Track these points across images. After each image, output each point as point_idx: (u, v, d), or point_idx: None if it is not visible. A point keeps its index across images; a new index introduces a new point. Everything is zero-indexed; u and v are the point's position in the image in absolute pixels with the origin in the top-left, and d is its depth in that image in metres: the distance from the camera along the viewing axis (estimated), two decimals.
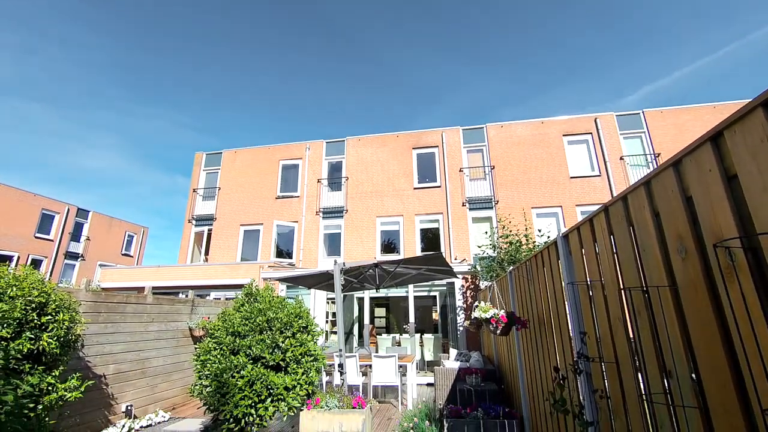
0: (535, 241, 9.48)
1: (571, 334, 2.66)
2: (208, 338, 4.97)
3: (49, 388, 3.93)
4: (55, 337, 4.06)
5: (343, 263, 5.87)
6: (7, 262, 4.40)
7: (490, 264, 9.21)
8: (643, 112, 14.24)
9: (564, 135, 14.37)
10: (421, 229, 14.38)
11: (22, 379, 3.63)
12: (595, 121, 14.22)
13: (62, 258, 24.51)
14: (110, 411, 5.60)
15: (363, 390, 7.14)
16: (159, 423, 6.03)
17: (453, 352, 7.98)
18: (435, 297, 12.97)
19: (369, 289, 8.45)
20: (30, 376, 3.52)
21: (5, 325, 3.48)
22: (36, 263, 22.63)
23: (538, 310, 3.58)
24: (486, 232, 11.98)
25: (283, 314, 4.97)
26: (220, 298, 9.96)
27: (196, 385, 4.75)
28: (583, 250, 2.44)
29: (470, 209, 14.03)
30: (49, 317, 4.06)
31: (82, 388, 4.26)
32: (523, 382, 4.39)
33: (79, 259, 25.58)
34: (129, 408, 5.87)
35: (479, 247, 10.16)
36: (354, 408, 4.96)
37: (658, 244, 1.60)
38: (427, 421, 4.84)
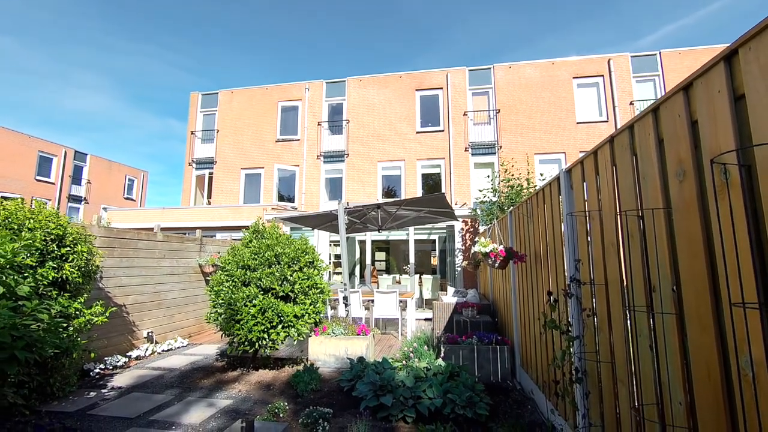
0: (536, 186, 9.54)
1: (565, 263, 2.83)
2: (220, 271, 5.24)
3: (77, 312, 4.24)
4: (76, 267, 4.30)
5: (347, 203, 5.99)
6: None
7: (490, 208, 9.37)
8: (659, 53, 13.51)
9: (574, 77, 13.78)
10: (423, 174, 14.37)
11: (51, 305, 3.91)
12: (608, 62, 13.55)
13: (66, 201, 24.72)
14: (133, 336, 6.07)
15: (366, 322, 7.66)
16: (179, 348, 6.57)
17: (451, 289, 8.42)
18: (434, 240, 13.34)
19: (371, 230, 8.68)
20: (57, 301, 3.79)
21: (29, 254, 3.66)
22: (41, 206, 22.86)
23: (535, 244, 3.75)
24: (488, 176, 12.01)
25: (290, 249, 5.19)
26: (226, 239, 10.26)
27: (212, 313, 5.10)
28: (584, 183, 2.52)
29: (473, 154, 13.90)
30: (68, 248, 4.26)
31: (107, 314, 4.60)
32: (516, 313, 4.72)
33: (82, 203, 25.82)
34: (150, 334, 6.36)
35: (480, 191, 10.25)
36: (358, 335, 5.38)
37: (658, 172, 1.67)
38: (425, 346, 5.28)
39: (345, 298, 5.93)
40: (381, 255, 18.48)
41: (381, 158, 14.58)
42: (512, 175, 9.95)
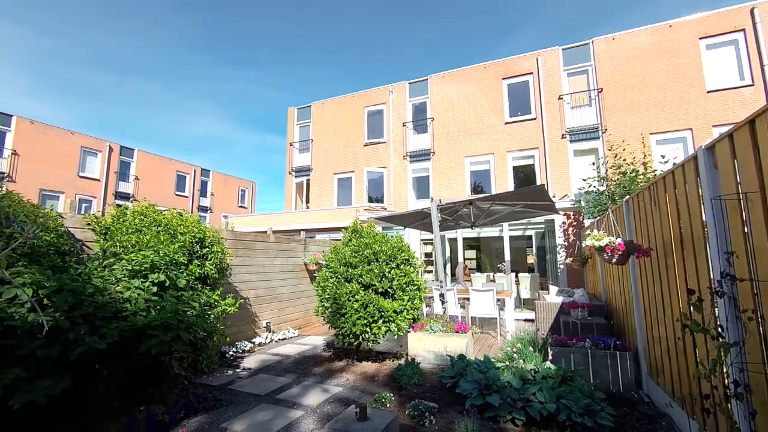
0: (654, 170, 8.25)
1: (709, 256, 2.40)
2: (325, 268, 5.70)
3: (215, 303, 5.03)
4: (214, 265, 5.10)
5: (440, 200, 5.98)
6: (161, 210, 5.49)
7: (598, 198, 8.40)
8: None
9: (701, 38, 11.55)
10: (514, 167, 13.57)
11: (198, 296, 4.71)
12: (752, 11, 11.03)
13: (197, 210, 29.54)
14: (255, 325, 6.97)
15: (462, 320, 7.54)
16: (291, 337, 7.33)
17: (553, 288, 7.79)
18: (531, 236, 12.50)
19: (463, 227, 8.52)
20: (203, 293, 4.55)
21: (183, 254, 4.48)
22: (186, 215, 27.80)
23: (663, 236, 3.26)
24: (592, 164, 10.80)
25: (387, 247, 5.40)
26: (325, 239, 11.10)
27: (319, 306, 5.58)
28: (735, 161, 2.11)
29: (571, 141, 12.64)
30: (207, 249, 5.08)
31: (237, 305, 5.35)
32: (639, 314, 4.16)
33: (208, 212, 30.54)
34: (268, 324, 7.22)
35: (584, 180, 9.25)
36: (457, 333, 5.33)
37: None
38: (530, 348, 4.98)
39: (441, 295, 5.92)
40: (471, 253, 17.98)
41: (468, 153, 14.20)
42: (623, 159, 8.76)
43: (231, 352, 5.98)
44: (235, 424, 3.51)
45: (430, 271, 13.63)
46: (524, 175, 13.63)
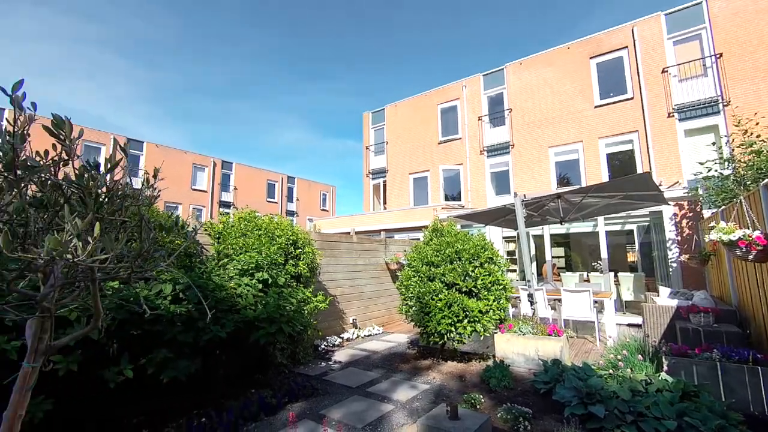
0: None
1: None
2: (407, 267, 5.80)
3: (308, 299, 5.46)
4: (306, 264, 5.54)
5: (524, 195, 5.67)
6: (268, 214, 6.10)
7: (722, 184, 7.10)
8: None
9: None
10: (608, 154, 12.19)
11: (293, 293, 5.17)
12: None
13: (285, 215, 32.31)
14: (343, 321, 7.38)
15: (554, 323, 7.03)
16: (376, 334, 7.59)
17: (664, 290, 6.82)
18: (632, 231, 11.10)
19: (551, 222, 7.93)
20: (299, 290, 4.97)
21: (280, 255, 4.96)
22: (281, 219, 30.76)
23: None
24: (712, 144, 9.20)
25: (469, 246, 5.29)
26: (405, 239, 11.27)
27: (403, 305, 5.69)
28: None
29: (681, 119, 10.91)
30: (300, 250, 5.53)
31: (327, 302, 5.73)
32: None
33: (294, 216, 33.17)
34: (354, 320, 7.59)
35: (701, 164, 7.89)
36: (549, 335, 4.99)
37: None
38: (639, 356, 4.44)
39: (530, 295, 5.60)
40: (560, 250, 16.61)
41: (552, 143, 13.16)
42: (757, 136, 7.26)
43: (323, 346, 6.42)
44: (332, 411, 3.77)
45: (513, 270, 12.92)
46: (620, 163, 12.16)
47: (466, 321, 4.95)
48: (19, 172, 1.01)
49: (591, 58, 12.73)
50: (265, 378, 4.62)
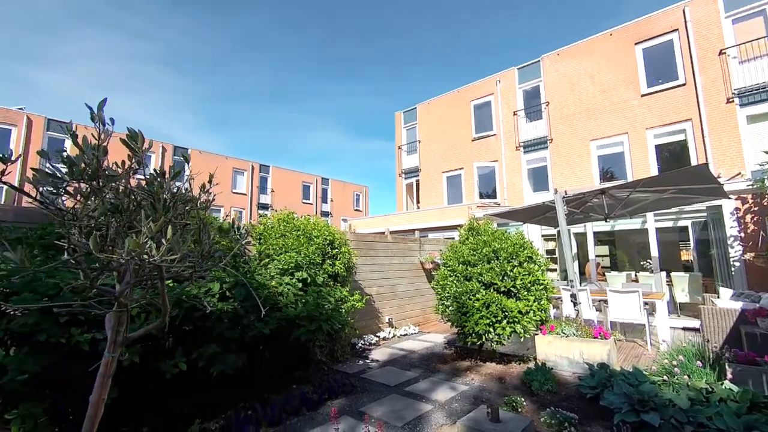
0: None
1: None
2: (443, 267, 5.75)
3: (345, 298, 5.55)
4: (342, 264, 5.64)
5: (565, 192, 5.43)
6: (305, 215, 6.26)
7: None
8: None
9: None
10: (657, 146, 11.40)
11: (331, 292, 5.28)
12: None
13: (320, 215, 33.05)
14: (378, 321, 7.44)
15: (599, 325, 6.70)
16: (412, 334, 7.59)
17: (726, 291, 6.29)
18: (686, 228, 10.32)
19: (595, 220, 7.55)
20: (337, 289, 5.07)
21: (317, 255, 5.08)
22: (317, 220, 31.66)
23: None
24: None
25: (507, 245, 5.15)
26: (439, 238, 11.18)
27: (439, 305, 5.64)
28: None
29: (742, 105, 9.99)
30: (337, 250, 5.64)
31: (363, 301, 5.81)
32: None
33: (329, 216, 33.85)
34: (390, 320, 7.63)
35: None
36: (595, 338, 4.76)
37: None
38: (698, 362, 4.12)
39: (573, 296, 5.37)
40: (603, 249, 15.75)
41: (594, 136, 12.51)
42: None
43: (360, 344, 6.51)
44: (371, 409, 3.82)
45: (554, 270, 12.41)
46: (671, 155, 11.34)
47: (505, 321, 4.83)
48: (101, 180, 1.13)
49: (636, 44, 11.97)
50: (305, 374, 4.76)
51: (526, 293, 5.00)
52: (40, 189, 1.11)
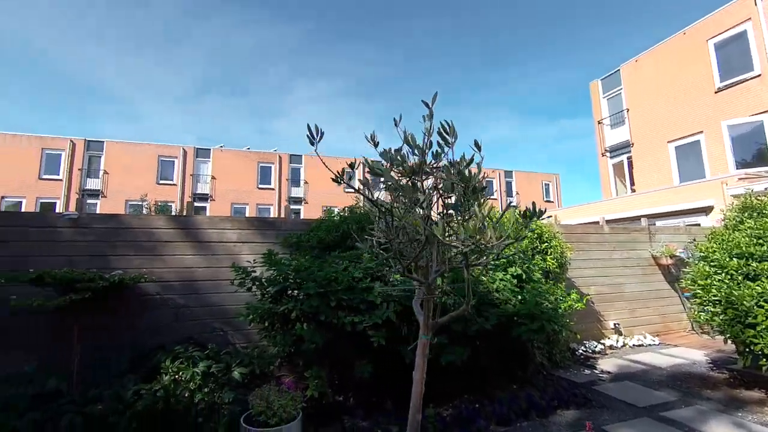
0: None
1: None
2: (701, 262, 4.38)
3: (560, 297, 4.98)
4: (554, 259, 5.10)
5: None
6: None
7: None
8: None
9: None
10: None
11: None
12: None
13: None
14: (601, 326, 6.37)
15: None
16: (650, 345, 6.15)
17: None
18: None
19: None
20: (556, 287, 4.61)
21: (528, 249, 4.76)
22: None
23: None
24: None
25: None
26: (679, 226, 8.77)
27: (699, 311, 4.33)
28: None
29: None
30: (546, 244, 5.15)
31: (584, 301, 5.08)
32: None
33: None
34: (616, 325, 6.42)
35: None
36: None
37: None
38: None
39: None
40: None
41: None
42: None
43: (580, 351, 5.73)
44: (618, 430, 3.24)
45: None
46: None
47: None
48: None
49: None
50: (524, 375, 4.51)
51: None
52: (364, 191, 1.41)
